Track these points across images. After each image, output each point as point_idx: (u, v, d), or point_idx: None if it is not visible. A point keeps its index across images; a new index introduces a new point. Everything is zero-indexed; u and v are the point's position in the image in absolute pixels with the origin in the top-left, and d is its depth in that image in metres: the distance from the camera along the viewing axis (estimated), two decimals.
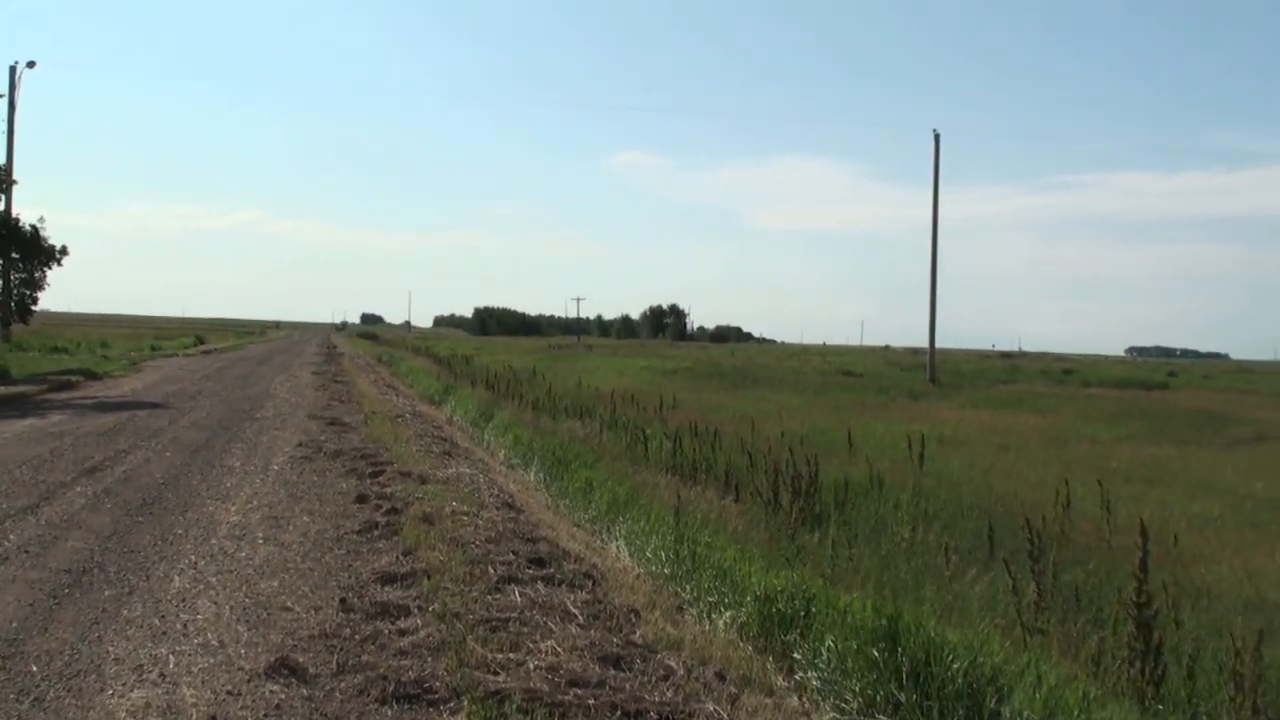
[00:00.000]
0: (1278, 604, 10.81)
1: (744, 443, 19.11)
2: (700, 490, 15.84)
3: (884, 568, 11.02)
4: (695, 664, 8.64)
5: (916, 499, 15.20)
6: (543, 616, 9.49)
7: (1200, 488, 19.28)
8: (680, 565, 12.06)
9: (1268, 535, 14.84)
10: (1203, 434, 31.29)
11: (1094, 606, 9.39)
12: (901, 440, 19.28)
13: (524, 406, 30.62)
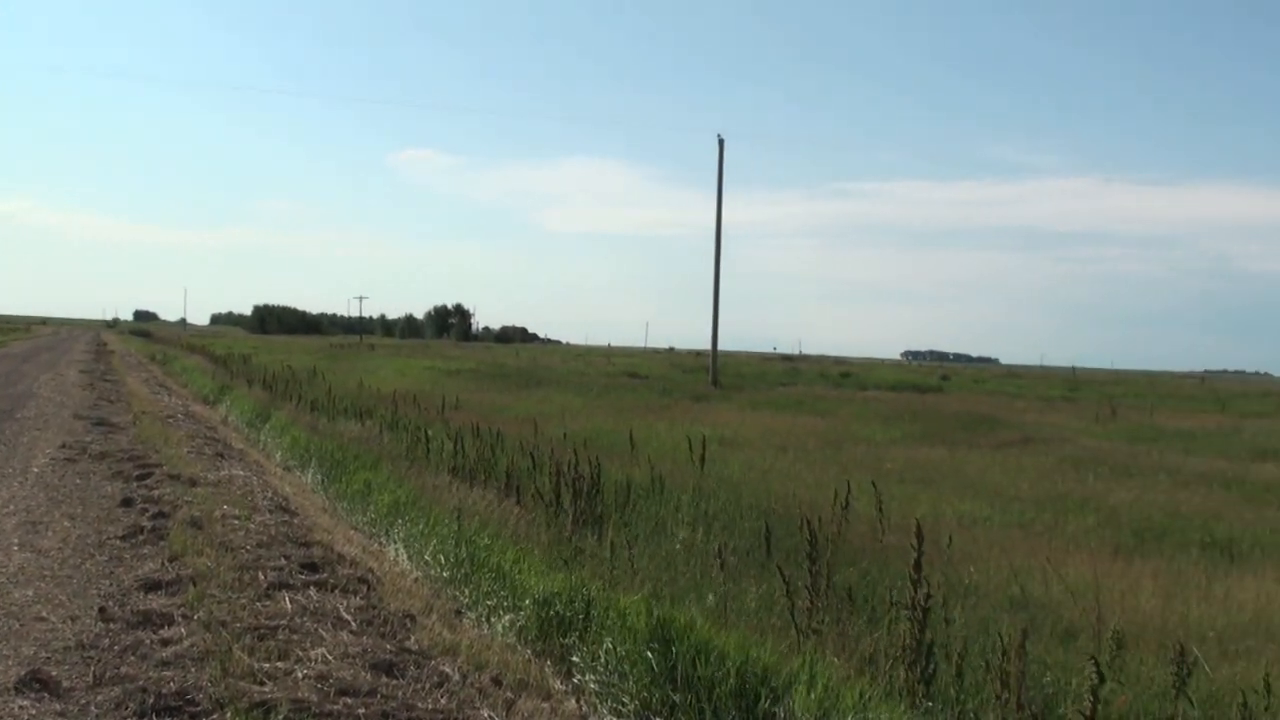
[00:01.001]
0: (1042, 601, 11.13)
1: (527, 444, 18.97)
2: (482, 492, 15.66)
3: (663, 569, 11.02)
4: (471, 669, 8.48)
5: (697, 500, 15.28)
6: (314, 623, 9.21)
7: (970, 488, 19.84)
8: (460, 568, 11.89)
9: (1033, 534, 15.33)
10: (973, 436, 32.25)
11: (868, 606, 9.52)
12: (683, 442, 19.39)
13: (303, 407, 29.97)
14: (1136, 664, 8.84)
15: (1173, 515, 17.47)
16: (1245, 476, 23.19)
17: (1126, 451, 29.29)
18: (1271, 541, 15.40)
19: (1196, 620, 10.89)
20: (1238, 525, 16.68)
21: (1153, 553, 14.48)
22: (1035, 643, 8.88)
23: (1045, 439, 32.31)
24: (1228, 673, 8.83)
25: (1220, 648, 9.92)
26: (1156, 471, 23.79)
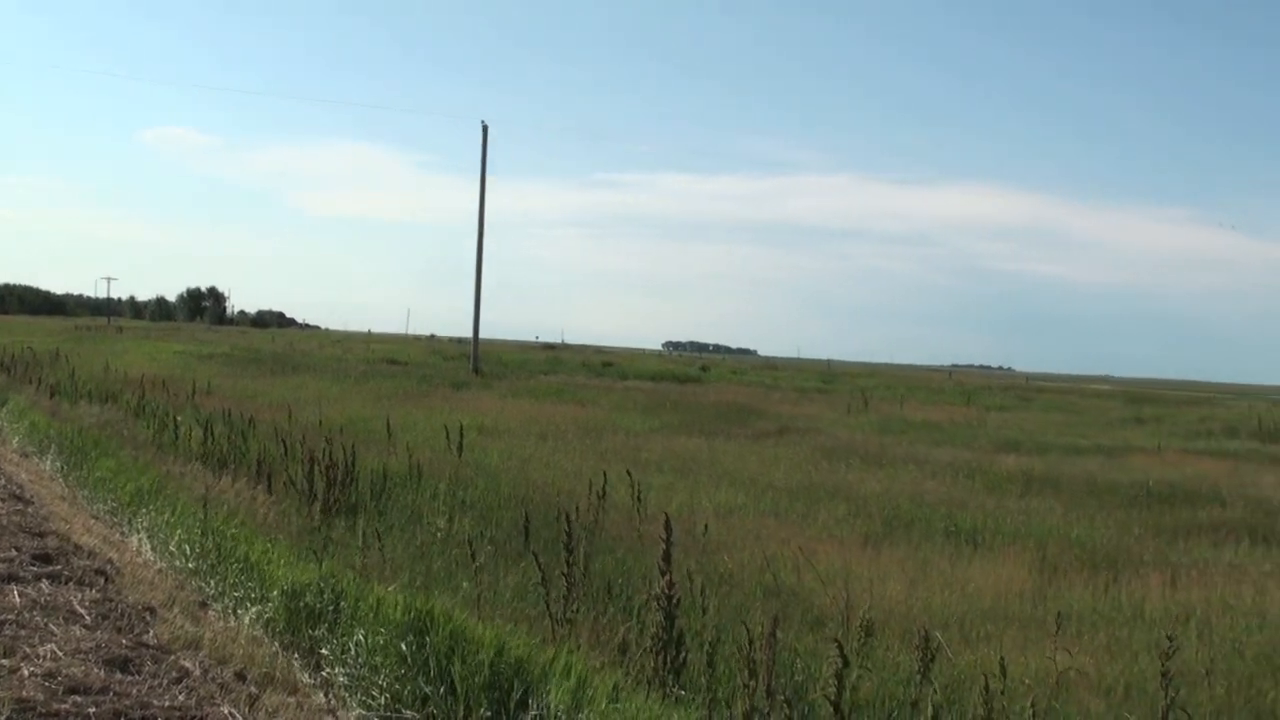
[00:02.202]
0: (794, 589, 11.31)
1: (280, 431, 18.50)
2: (231, 480, 15.18)
3: (418, 559, 10.83)
4: (214, 664, 8.17)
5: (455, 489, 15.11)
6: (44, 618, 8.75)
7: (727, 478, 20.08)
8: (206, 559, 11.47)
9: (787, 523, 15.59)
10: (731, 427, 32.73)
11: (624, 595, 9.51)
12: (442, 430, 19.16)
13: (43, 391, 28.69)
14: (884, 650, 9.03)
15: (920, 504, 17.99)
16: (988, 467, 24.05)
17: (877, 442, 30.10)
18: (1011, 529, 15.97)
19: (941, 606, 11.20)
20: (980, 514, 17.26)
21: (900, 541, 14.88)
22: (787, 630, 8.99)
23: (800, 430, 32.98)
24: (969, 657, 9.09)
25: (962, 632, 10.22)
26: (905, 462, 24.49)
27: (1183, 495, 20.85)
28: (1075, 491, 20.86)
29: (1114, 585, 12.76)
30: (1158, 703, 6.80)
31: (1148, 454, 30.64)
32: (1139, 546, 15.28)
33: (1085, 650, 9.74)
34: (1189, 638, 10.21)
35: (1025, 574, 13.04)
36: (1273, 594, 12.51)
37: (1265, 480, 24.96)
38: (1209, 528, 17.08)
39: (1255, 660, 9.87)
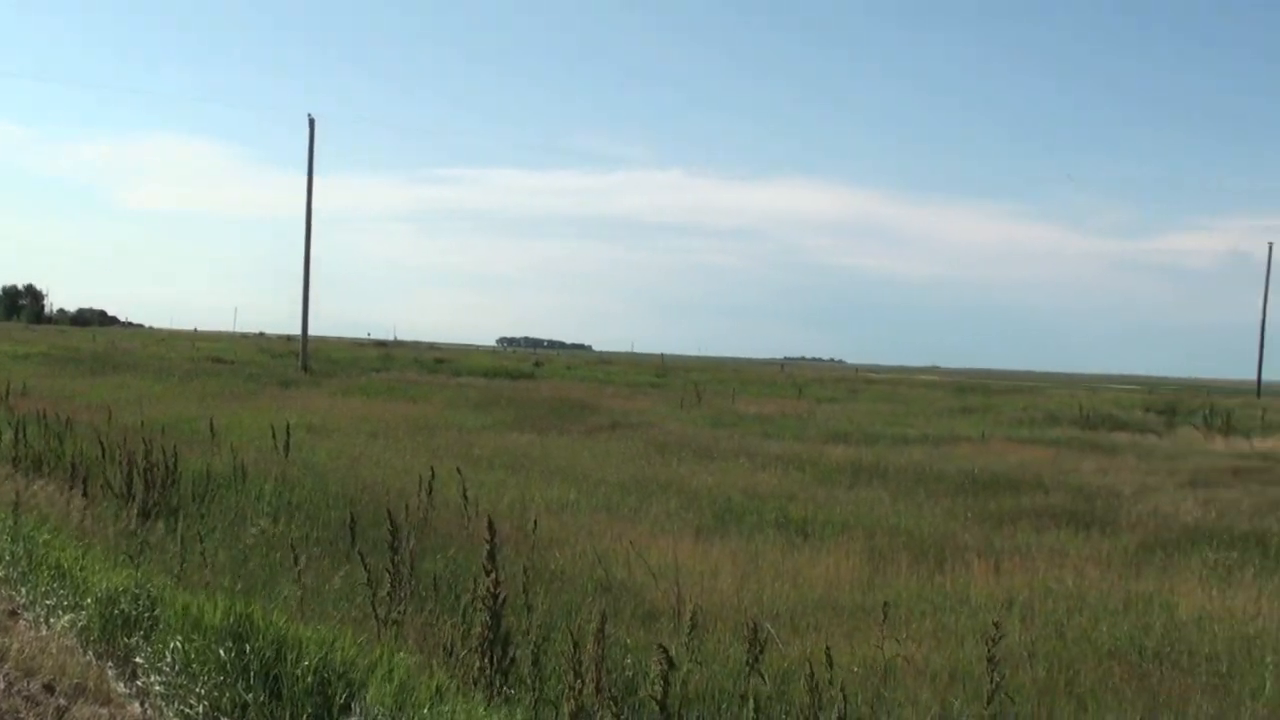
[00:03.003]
0: (626, 584, 11.27)
1: (99, 432, 17.92)
2: (45, 484, 14.63)
3: (241, 562, 10.55)
4: (20, 676, 7.82)
5: (281, 489, 14.80)
6: None
7: (559, 474, 20.00)
8: (16, 567, 11.03)
9: (619, 518, 15.56)
10: (564, 422, 32.67)
11: (452, 595, 9.36)
12: (269, 429, 18.74)
13: None
14: (715, 642, 9.02)
15: (751, 496, 18.11)
16: (818, 458, 24.33)
17: (710, 436, 30.30)
18: (841, 519, 16.16)
19: (772, 598, 11.25)
20: (811, 505, 17.44)
21: (732, 533, 14.95)
22: (618, 625, 8.94)
23: (633, 424, 33.06)
24: (799, 647, 9.12)
25: (793, 623, 10.27)
26: (737, 455, 24.67)
27: (1007, 483, 21.34)
28: (903, 481, 21.21)
29: (940, 573, 12.96)
30: (983, 687, 6.88)
31: (973, 443, 31.33)
32: (964, 534, 15.57)
33: (913, 638, 9.86)
34: (1012, 622, 10.39)
35: (854, 564, 13.18)
36: (1092, 577, 12.83)
37: (1085, 466, 25.70)
38: (1032, 514, 17.49)
39: (1075, 642, 10.10)
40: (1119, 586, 12.46)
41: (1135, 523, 16.92)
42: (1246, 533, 15.96)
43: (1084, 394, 69.18)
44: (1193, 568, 13.65)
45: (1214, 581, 12.96)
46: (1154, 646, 9.98)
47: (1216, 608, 11.55)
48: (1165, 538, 15.62)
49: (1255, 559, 14.06)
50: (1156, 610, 11.38)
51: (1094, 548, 14.90)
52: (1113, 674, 9.18)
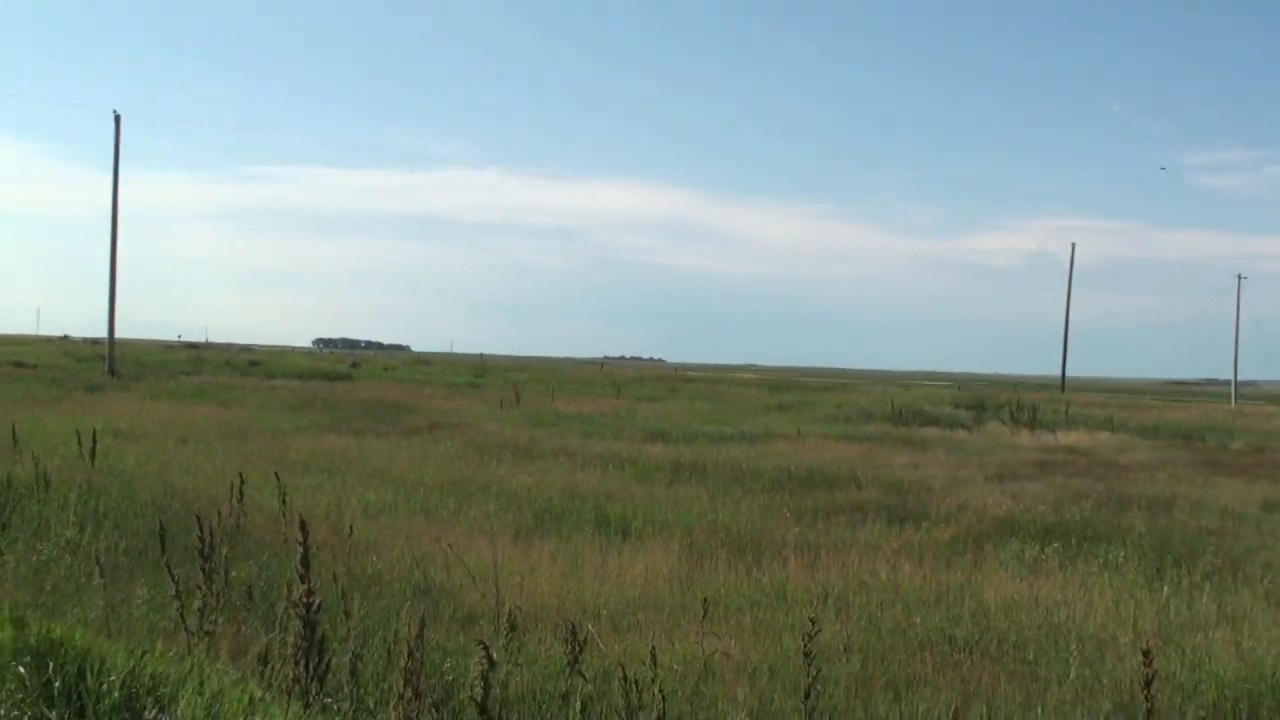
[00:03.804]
0: (445, 587, 11.16)
1: None
2: None
3: (42, 575, 10.18)
4: None
5: (87, 498, 14.34)
6: None
7: (377, 476, 19.76)
8: None
9: (437, 521, 15.42)
10: (381, 424, 32.28)
11: (266, 603, 9.17)
12: (74, 435, 18.12)
13: None
14: (535, 644, 8.99)
15: (571, 496, 18.09)
16: (637, 457, 24.43)
17: (529, 436, 30.22)
18: (660, 518, 16.24)
19: (593, 597, 11.25)
20: (630, 504, 17.49)
21: (552, 534, 14.92)
22: (437, 629, 8.85)
23: (452, 425, 32.81)
24: (619, 646, 9.13)
25: (613, 623, 10.28)
26: (557, 455, 24.64)
27: (822, 479, 21.68)
28: (721, 478, 21.41)
29: (758, 568, 13.11)
30: (800, 681, 6.96)
31: (789, 440, 31.78)
32: (781, 530, 15.77)
33: (731, 634, 9.96)
34: (828, 616, 10.56)
35: (674, 561, 13.26)
36: (905, 570, 13.10)
37: (897, 462, 26.27)
38: (846, 509, 17.80)
39: (890, 634, 10.29)
40: (931, 579, 12.74)
41: (946, 516, 17.33)
42: (1051, 524, 16.47)
43: (896, 391, 70.78)
44: (1001, 559, 14.04)
45: (1021, 572, 13.35)
46: (964, 636, 10.23)
47: (1024, 597, 11.89)
48: (975, 530, 16.04)
49: (1060, 549, 14.51)
50: (967, 601, 11.67)
51: (907, 541, 15.22)
52: (926, 664, 9.39)
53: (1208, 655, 9.75)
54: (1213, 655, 9.75)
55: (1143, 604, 11.79)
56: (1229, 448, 36.26)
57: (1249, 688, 8.87)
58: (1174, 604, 11.85)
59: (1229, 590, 12.55)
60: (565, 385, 67.40)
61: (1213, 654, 9.79)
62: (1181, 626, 10.97)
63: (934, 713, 7.99)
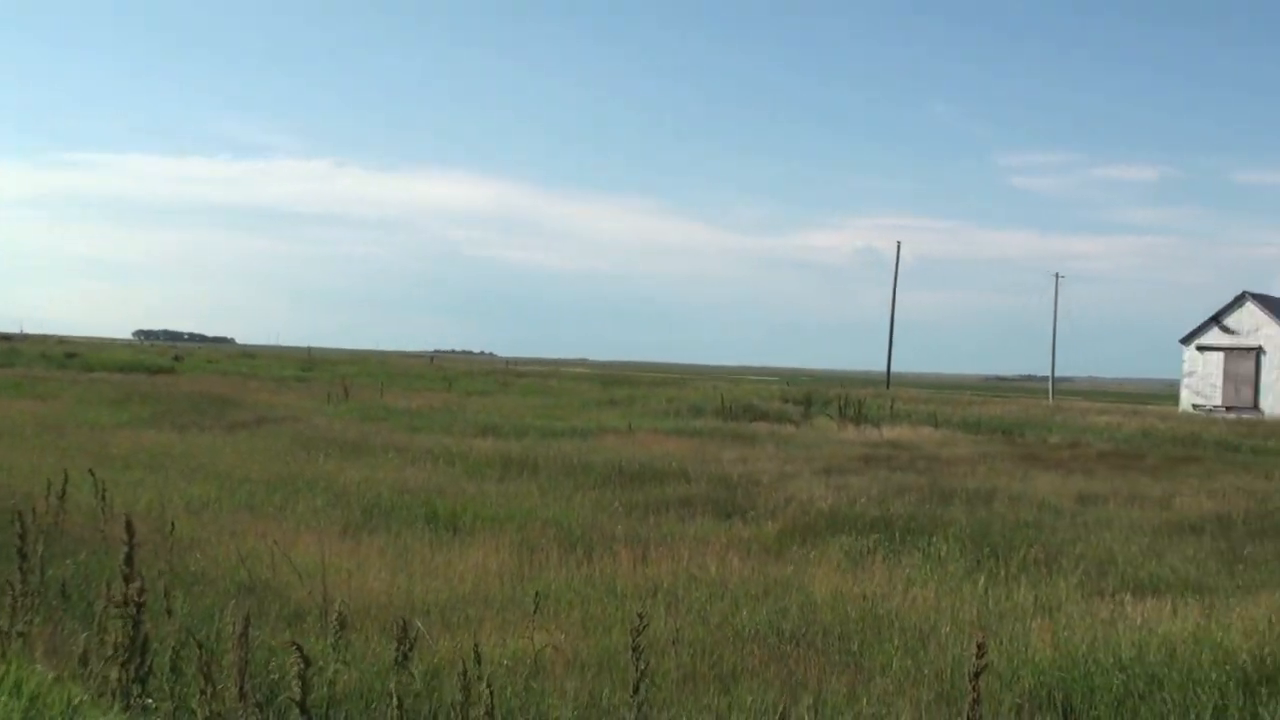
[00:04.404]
0: (271, 585, 10.99)
1: None
2: None
3: None
4: None
5: None
6: None
7: (200, 472, 19.37)
8: None
9: (263, 517, 15.16)
10: (205, 418, 31.60)
11: (84, 602, 8.93)
12: None
13: None
14: (363, 641, 8.90)
15: (400, 492, 17.93)
16: (468, 452, 24.29)
17: (358, 431, 29.86)
18: (491, 513, 16.18)
19: (423, 594, 11.18)
20: (461, 499, 17.39)
21: (381, 529, 14.79)
22: (262, 627, 8.70)
23: (278, 419, 32.29)
24: (450, 643, 9.09)
25: (443, 619, 10.23)
26: (386, 450, 24.39)
27: (652, 473, 21.79)
28: (552, 473, 21.40)
29: (589, 563, 13.14)
30: (629, 674, 7.00)
31: (620, 434, 31.88)
32: (612, 524, 15.82)
33: (562, 628, 9.97)
34: (658, 610, 10.64)
35: (505, 557, 13.23)
36: (734, 564, 13.24)
37: (727, 456, 26.50)
38: (677, 504, 17.92)
39: (718, 627, 10.41)
40: (759, 572, 12.91)
41: (774, 510, 17.55)
42: (876, 518, 16.79)
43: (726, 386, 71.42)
44: (827, 552, 14.27)
45: (847, 565, 13.60)
46: (791, 629, 10.39)
47: (849, 590, 12.11)
48: (802, 524, 16.27)
49: (884, 543, 14.81)
50: (794, 594, 11.84)
51: (736, 535, 15.40)
52: (753, 657, 9.52)
53: (1025, 644, 10.05)
54: (1029, 644, 10.05)
55: (963, 595, 12.10)
56: (1046, 442, 37.33)
57: (1063, 675, 9.16)
58: (993, 594, 12.18)
59: (1045, 581, 12.93)
60: (395, 379, 66.71)
61: (1029, 643, 10.09)
62: (1000, 616, 11.28)
63: (761, 705, 8.09)
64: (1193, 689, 8.83)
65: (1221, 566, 14.31)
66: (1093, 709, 8.72)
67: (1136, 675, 9.11)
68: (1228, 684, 8.92)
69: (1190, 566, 14.19)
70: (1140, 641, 10.00)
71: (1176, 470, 27.77)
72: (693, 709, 8.09)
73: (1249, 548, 15.88)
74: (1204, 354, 76.89)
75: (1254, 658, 9.50)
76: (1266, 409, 72.04)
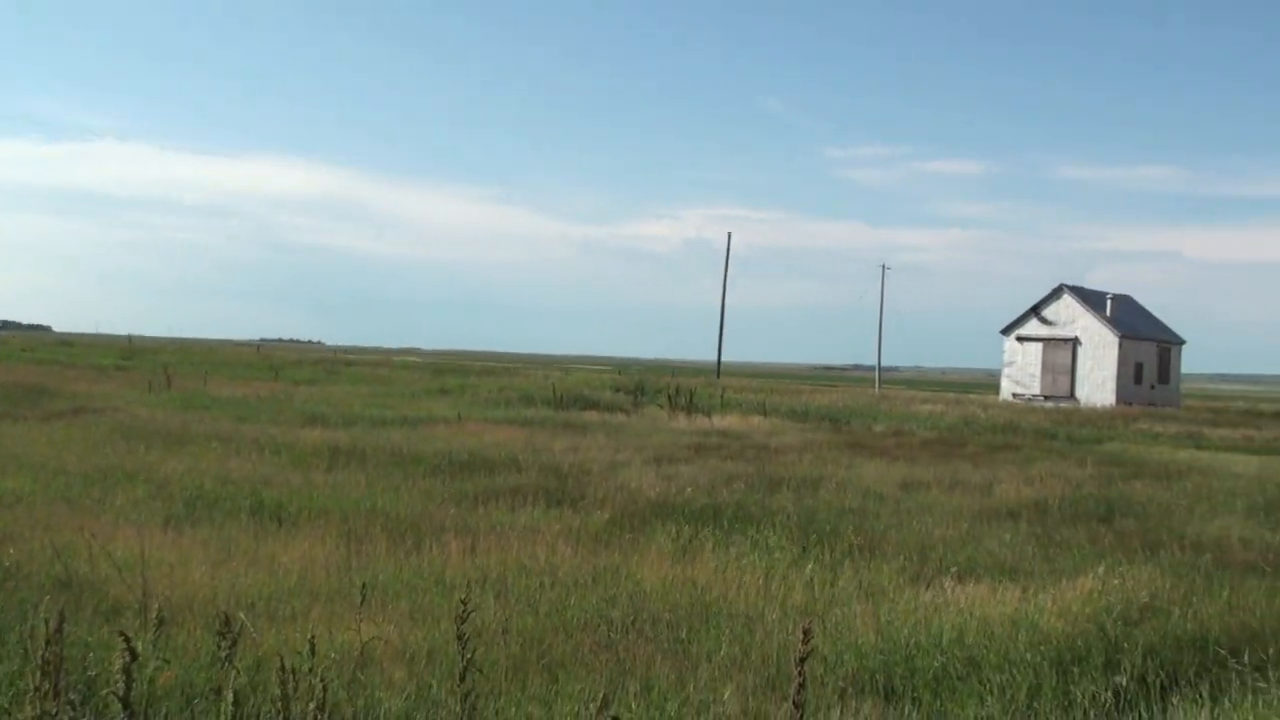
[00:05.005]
0: (87, 579, 10.70)
1: None
2: None
3: None
4: None
5: None
6: None
7: (13, 463, 18.77)
8: None
9: (80, 510, 14.74)
10: (19, 408, 30.68)
11: None
12: None
13: None
14: (186, 636, 8.72)
15: (224, 483, 17.57)
16: (294, 442, 23.91)
17: (180, 420, 29.19)
18: (318, 504, 15.95)
19: (247, 586, 10.99)
20: (287, 489, 17.12)
21: (204, 521, 14.49)
22: (79, 624, 8.47)
23: (97, 409, 31.42)
24: (276, 636, 8.95)
25: (268, 612, 10.06)
26: (209, 440, 23.86)
27: (482, 463, 21.71)
28: (381, 463, 21.20)
29: (418, 554, 13.04)
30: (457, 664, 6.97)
31: (450, 424, 31.71)
32: (441, 514, 15.72)
33: (390, 620, 9.88)
34: (487, 599, 10.61)
35: (331, 548, 13.06)
36: (564, 553, 13.25)
37: (558, 445, 26.52)
38: (507, 493, 17.86)
39: (548, 615, 10.41)
40: (588, 561, 12.93)
41: (604, 499, 17.60)
42: (705, 506, 16.94)
43: (558, 375, 71.54)
44: (657, 541, 14.36)
45: (676, 553, 13.70)
46: (620, 617, 10.44)
47: (678, 578, 12.20)
48: (631, 512, 16.35)
49: (713, 531, 14.96)
50: (623, 582, 11.90)
51: (566, 524, 15.40)
52: (583, 645, 9.54)
53: (849, 629, 10.25)
54: (853, 628, 10.25)
55: (790, 582, 12.27)
56: (872, 430, 38.16)
57: (884, 658, 9.39)
58: (819, 580, 12.38)
59: (869, 566, 13.17)
60: (220, 368, 65.48)
61: (853, 627, 10.30)
62: (825, 602, 11.47)
63: (588, 692, 8.11)
64: (1009, 669, 9.12)
65: (1038, 551, 14.73)
66: (913, 690, 8.95)
67: (955, 657, 9.37)
68: (1042, 664, 9.24)
69: (1008, 551, 14.58)
70: (960, 624, 10.27)
71: (996, 457, 28.57)
72: (520, 698, 8.08)
73: (1064, 532, 16.39)
74: (1023, 344, 79.23)
75: (1067, 638, 9.85)
76: (1082, 398, 74.59)
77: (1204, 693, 8.95)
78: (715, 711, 8.07)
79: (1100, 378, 76.04)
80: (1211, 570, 13.45)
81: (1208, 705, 8.72)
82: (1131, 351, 77.72)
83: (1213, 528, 17.22)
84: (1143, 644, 9.82)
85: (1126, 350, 76.91)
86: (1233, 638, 10.16)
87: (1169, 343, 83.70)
